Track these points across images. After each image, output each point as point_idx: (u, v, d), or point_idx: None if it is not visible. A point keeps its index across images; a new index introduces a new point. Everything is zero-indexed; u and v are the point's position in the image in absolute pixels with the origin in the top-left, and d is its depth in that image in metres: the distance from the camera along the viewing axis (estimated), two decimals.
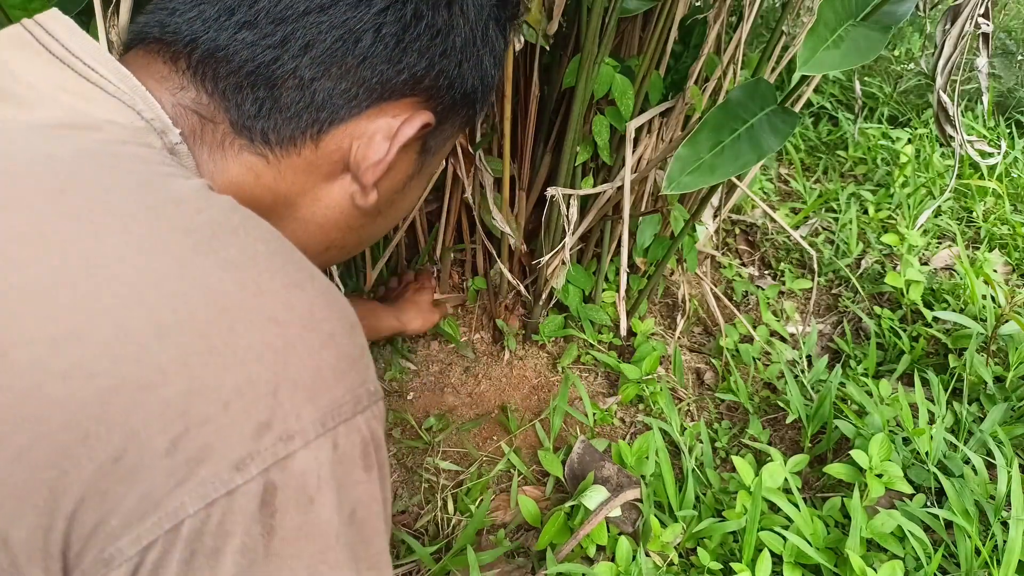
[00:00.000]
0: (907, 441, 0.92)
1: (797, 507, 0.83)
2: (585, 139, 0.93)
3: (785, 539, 0.79)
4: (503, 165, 0.89)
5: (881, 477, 0.84)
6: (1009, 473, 0.83)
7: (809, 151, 1.72)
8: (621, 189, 0.91)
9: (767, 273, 1.35)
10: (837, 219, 1.45)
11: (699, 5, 1.07)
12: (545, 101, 0.96)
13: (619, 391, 1.04)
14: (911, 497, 0.85)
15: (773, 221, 1.39)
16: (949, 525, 0.83)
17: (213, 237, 0.32)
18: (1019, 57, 1.91)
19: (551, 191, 0.91)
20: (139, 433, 0.27)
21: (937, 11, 1.67)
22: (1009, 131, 1.75)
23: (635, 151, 0.94)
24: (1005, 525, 0.79)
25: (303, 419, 0.30)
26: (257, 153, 0.41)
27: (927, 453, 0.89)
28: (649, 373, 1.02)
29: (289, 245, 0.36)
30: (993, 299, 1.15)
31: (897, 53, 1.99)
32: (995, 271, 1.27)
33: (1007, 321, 1.07)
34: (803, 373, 1.07)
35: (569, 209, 0.94)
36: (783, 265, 1.33)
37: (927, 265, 1.32)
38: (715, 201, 1.18)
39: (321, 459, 0.30)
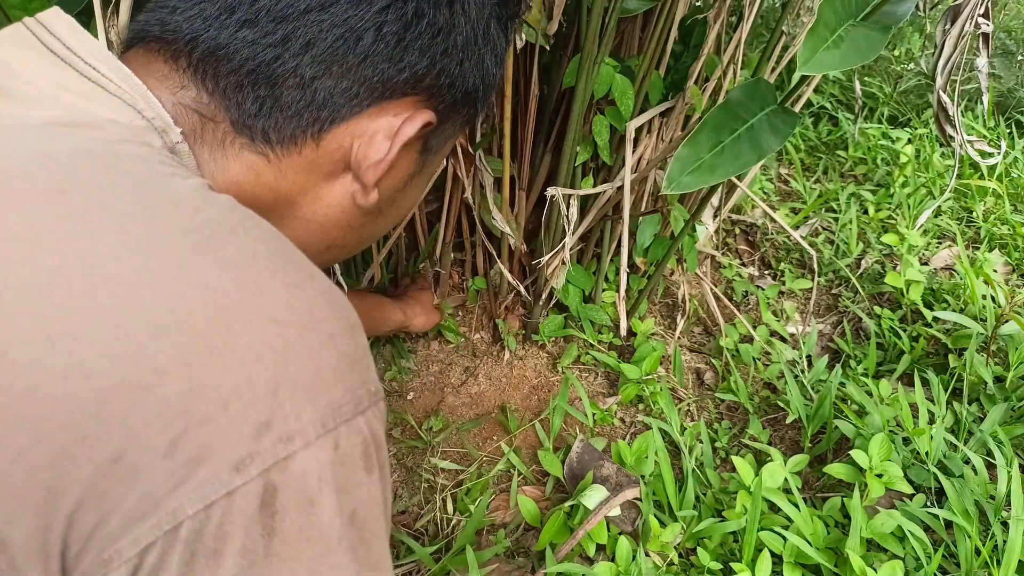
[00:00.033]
0: (907, 441, 0.92)
1: (797, 507, 0.83)
2: (585, 139, 0.92)
3: (785, 539, 0.79)
4: (503, 165, 0.89)
5: (881, 477, 0.84)
6: (1009, 473, 0.83)
7: (809, 151, 1.72)
8: (621, 189, 0.91)
9: (767, 273, 1.34)
10: (837, 219, 1.45)
11: (699, 5, 1.07)
12: (545, 101, 0.96)
13: (619, 391, 1.03)
14: (911, 497, 0.85)
15: (773, 221, 1.39)
16: (949, 525, 0.83)
17: (212, 236, 0.32)
18: (1019, 57, 1.91)
19: (551, 191, 0.91)
20: (138, 433, 0.27)
21: (937, 11, 1.67)
22: (1009, 131, 1.75)
23: (635, 151, 0.94)
24: (1005, 525, 0.79)
25: (303, 420, 0.30)
26: (258, 152, 0.41)
27: (927, 453, 0.89)
28: (649, 373, 1.02)
29: (289, 244, 0.36)
30: (993, 299, 1.15)
31: (897, 53, 1.99)
32: (995, 271, 1.27)
33: (1007, 321, 1.07)
34: (803, 373, 1.07)
35: (569, 209, 0.94)
36: (783, 265, 1.33)
37: (927, 265, 1.32)
38: (715, 201, 1.18)
39: (322, 460, 0.30)
